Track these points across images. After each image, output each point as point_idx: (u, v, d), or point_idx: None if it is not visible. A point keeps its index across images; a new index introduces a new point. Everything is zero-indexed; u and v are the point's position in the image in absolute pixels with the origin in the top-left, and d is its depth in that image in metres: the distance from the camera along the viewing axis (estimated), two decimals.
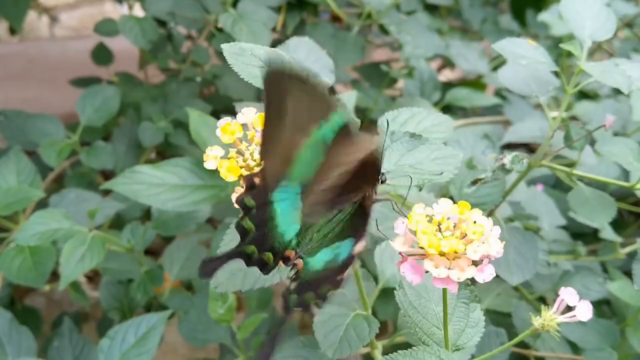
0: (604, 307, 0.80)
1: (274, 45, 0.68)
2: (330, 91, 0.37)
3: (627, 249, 0.77)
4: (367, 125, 0.98)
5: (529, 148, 1.04)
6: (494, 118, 1.06)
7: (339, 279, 0.37)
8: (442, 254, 0.36)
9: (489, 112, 1.11)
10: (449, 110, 1.06)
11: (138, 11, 1.00)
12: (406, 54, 0.98)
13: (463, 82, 1.21)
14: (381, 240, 0.59)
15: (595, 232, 0.81)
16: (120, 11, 1.06)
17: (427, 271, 0.37)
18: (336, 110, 0.38)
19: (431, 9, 1.21)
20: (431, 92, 1.04)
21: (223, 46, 0.44)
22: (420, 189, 0.45)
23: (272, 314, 0.77)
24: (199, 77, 1.06)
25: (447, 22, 1.29)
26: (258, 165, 0.40)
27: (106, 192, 0.86)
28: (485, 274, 0.36)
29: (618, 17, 0.93)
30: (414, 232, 0.37)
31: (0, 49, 1.53)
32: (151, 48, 0.95)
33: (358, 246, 0.37)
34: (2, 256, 0.69)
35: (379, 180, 0.40)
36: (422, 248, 0.36)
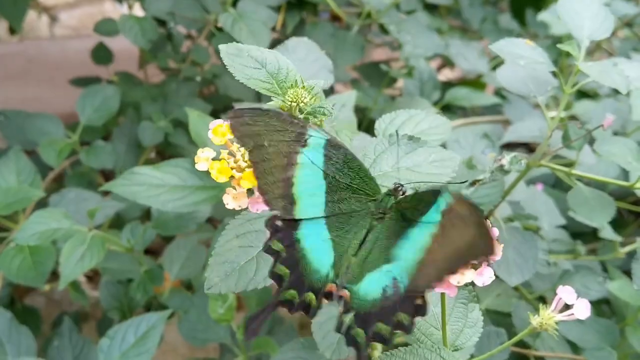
0: (604, 306, 0.80)
1: (273, 44, 0.68)
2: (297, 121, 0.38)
3: (627, 248, 0.77)
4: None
5: (529, 147, 1.04)
6: (493, 117, 1.06)
7: (419, 304, 0.36)
8: None
9: (489, 111, 1.11)
10: (448, 109, 1.06)
11: (138, 11, 1.00)
12: (406, 54, 0.98)
13: (463, 82, 1.21)
14: None
15: (595, 232, 0.81)
16: (120, 11, 1.06)
17: None
18: (309, 130, 0.38)
19: (431, 8, 1.21)
20: (431, 91, 1.04)
21: (220, 47, 0.44)
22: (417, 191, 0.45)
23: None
24: (199, 77, 1.06)
25: (446, 21, 1.29)
26: (249, 166, 0.39)
27: (106, 192, 0.86)
28: (484, 277, 0.36)
29: (617, 17, 0.94)
30: None
31: (0, 48, 1.53)
32: (151, 47, 0.95)
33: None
34: (2, 256, 0.69)
35: None
36: None
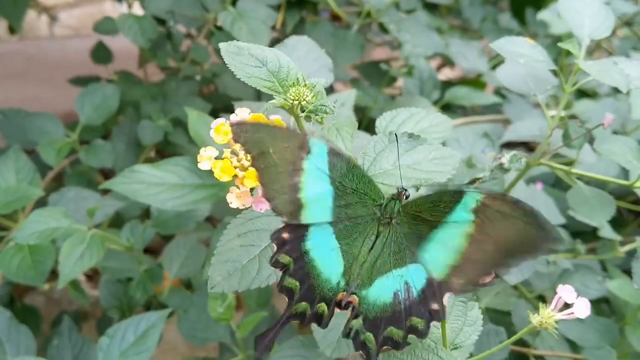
0: (603, 305, 0.80)
1: (273, 44, 0.68)
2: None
3: (627, 248, 0.77)
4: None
5: (529, 147, 1.04)
6: (493, 117, 1.06)
7: (434, 309, 0.36)
8: None
9: (489, 110, 1.11)
10: (448, 108, 1.06)
11: (137, 10, 1.00)
12: (406, 53, 0.98)
13: (463, 81, 1.21)
14: None
15: (595, 231, 0.81)
16: (120, 10, 1.06)
17: None
18: (310, 140, 0.38)
19: (431, 7, 1.21)
20: (431, 90, 1.04)
21: (221, 45, 0.43)
22: (417, 189, 0.45)
23: (271, 313, 0.77)
24: (199, 76, 1.06)
25: (446, 20, 1.29)
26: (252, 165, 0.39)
27: (105, 191, 0.86)
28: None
29: (617, 16, 0.93)
30: None
31: (0, 47, 1.53)
32: (150, 46, 0.95)
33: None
34: (2, 255, 0.69)
35: None
36: None
